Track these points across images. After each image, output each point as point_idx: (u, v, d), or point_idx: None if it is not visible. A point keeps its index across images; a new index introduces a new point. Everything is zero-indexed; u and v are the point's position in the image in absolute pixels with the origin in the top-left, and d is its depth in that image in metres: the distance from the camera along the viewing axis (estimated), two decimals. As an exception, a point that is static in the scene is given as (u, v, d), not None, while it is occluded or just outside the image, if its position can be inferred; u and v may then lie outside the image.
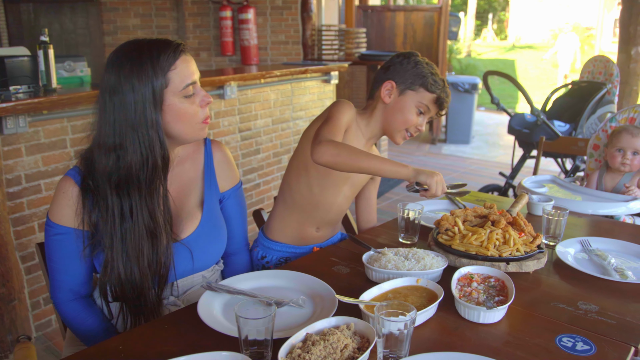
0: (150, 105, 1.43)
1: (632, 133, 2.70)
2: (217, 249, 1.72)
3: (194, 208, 1.67)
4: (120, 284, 1.50)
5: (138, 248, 1.49)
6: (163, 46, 1.46)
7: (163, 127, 1.48)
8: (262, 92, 4.52)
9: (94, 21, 6.57)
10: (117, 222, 1.47)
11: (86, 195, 1.49)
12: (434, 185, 1.67)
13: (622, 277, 1.62)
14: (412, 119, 1.90)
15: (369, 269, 1.57)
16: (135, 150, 1.44)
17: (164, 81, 1.44)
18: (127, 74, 1.41)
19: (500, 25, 25.34)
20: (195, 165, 1.71)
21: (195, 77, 1.50)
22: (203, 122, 1.54)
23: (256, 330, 1.15)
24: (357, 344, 1.18)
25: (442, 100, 1.89)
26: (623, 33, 5.11)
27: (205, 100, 1.52)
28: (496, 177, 6.05)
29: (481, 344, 1.28)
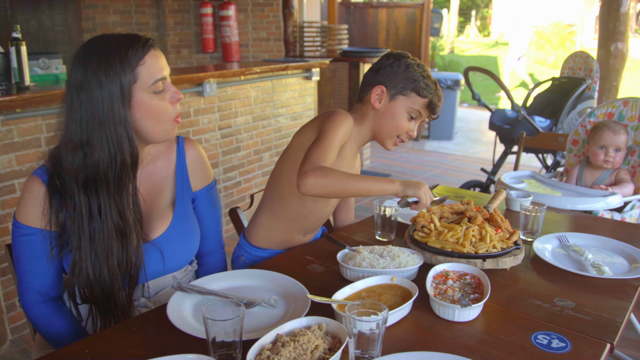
0: (118, 101, 1.40)
1: (614, 130, 2.70)
2: (189, 249, 1.69)
3: (165, 208, 1.64)
4: (89, 285, 1.47)
5: (107, 248, 1.45)
6: (131, 41, 1.43)
7: (132, 124, 1.44)
8: (242, 89, 4.48)
9: (72, 18, 6.48)
10: (85, 222, 1.44)
11: (53, 194, 1.45)
12: (423, 196, 1.62)
13: (599, 272, 1.61)
14: (404, 125, 1.83)
15: (343, 267, 1.55)
16: (103, 147, 1.41)
17: (132, 77, 1.41)
18: (95, 69, 1.38)
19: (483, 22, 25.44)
20: (167, 164, 1.67)
21: (165, 73, 1.47)
22: (174, 120, 1.51)
23: (224, 331, 1.12)
24: (328, 344, 1.15)
25: (434, 104, 1.84)
26: (602, 29, 5.14)
27: (176, 96, 1.49)
28: (478, 173, 6.06)
29: (456, 342, 1.26)
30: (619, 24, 5.04)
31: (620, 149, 2.70)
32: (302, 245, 1.85)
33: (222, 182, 4.39)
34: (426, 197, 1.63)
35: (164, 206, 1.63)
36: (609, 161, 2.72)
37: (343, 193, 1.61)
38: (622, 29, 5.05)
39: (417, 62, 1.85)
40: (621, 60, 5.19)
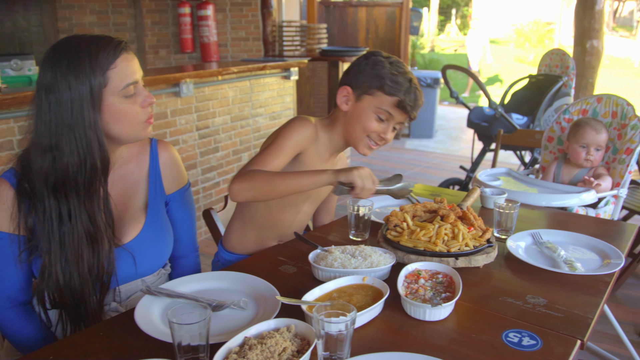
0: (88, 104, 1.38)
1: (595, 129, 2.70)
2: (162, 253, 1.66)
3: (138, 211, 1.61)
4: (58, 290, 1.44)
5: (78, 253, 1.43)
6: (103, 44, 1.40)
7: (102, 128, 1.42)
8: (220, 90, 4.45)
9: (48, 19, 6.40)
10: (54, 226, 1.42)
11: (22, 198, 1.42)
12: (357, 179, 1.53)
13: (572, 269, 1.61)
14: (371, 126, 1.73)
15: (315, 268, 1.53)
16: (72, 151, 1.39)
17: (102, 80, 1.38)
18: (64, 71, 1.36)
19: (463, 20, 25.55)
20: (140, 167, 1.65)
21: (136, 77, 1.45)
22: (145, 122, 1.49)
23: (190, 335, 1.10)
24: (297, 346, 1.14)
25: (404, 104, 1.69)
26: (578, 27, 5.18)
27: (148, 100, 1.48)
28: (458, 170, 6.08)
29: (427, 342, 1.25)
30: (594, 21, 5.08)
31: (601, 147, 2.71)
32: (274, 246, 1.83)
33: (200, 183, 4.35)
34: (362, 180, 1.53)
35: (136, 209, 1.61)
36: (590, 160, 2.73)
37: (272, 193, 1.60)
38: (597, 26, 5.09)
39: (391, 59, 1.74)
40: (597, 58, 5.23)
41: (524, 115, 4.63)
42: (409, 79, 1.72)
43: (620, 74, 15.05)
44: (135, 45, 6.36)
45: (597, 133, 2.70)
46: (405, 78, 1.71)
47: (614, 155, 2.76)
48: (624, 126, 2.74)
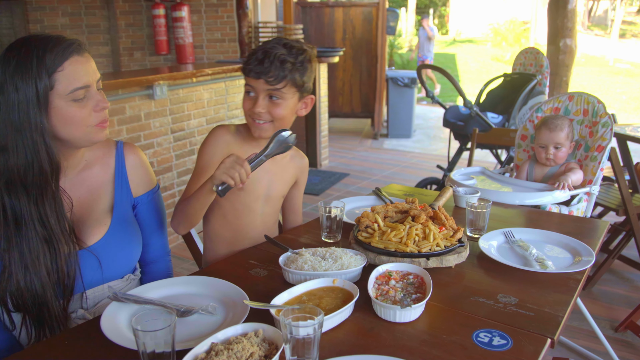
0: (34, 107, 1.35)
1: (549, 128, 2.72)
2: (129, 257, 1.64)
3: (103, 213, 1.59)
4: (20, 292, 1.41)
5: (34, 256, 1.40)
6: (52, 44, 1.37)
7: (50, 131, 1.39)
8: (195, 92, 4.41)
9: (19, 21, 6.30)
10: (11, 227, 1.39)
11: None
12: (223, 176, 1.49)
13: (543, 267, 1.62)
14: (244, 105, 1.74)
15: (285, 271, 1.51)
16: (19, 153, 1.36)
17: (48, 82, 1.35)
18: (12, 72, 1.33)
19: (441, 20, 25.74)
20: (105, 169, 1.62)
21: (88, 80, 1.41)
22: (97, 125, 1.46)
23: (155, 342, 1.08)
24: (264, 351, 1.12)
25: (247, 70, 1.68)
26: (551, 26, 5.22)
27: (101, 105, 1.44)
28: (436, 170, 6.10)
29: (397, 344, 1.24)
30: (566, 20, 5.13)
31: (560, 145, 2.72)
32: (245, 250, 1.81)
33: (176, 186, 4.31)
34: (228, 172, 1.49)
35: (101, 212, 1.58)
36: (550, 159, 2.74)
37: (192, 218, 1.68)
38: (570, 25, 5.14)
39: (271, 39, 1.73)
40: (570, 56, 5.28)
41: (499, 114, 4.66)
42: (262, 48, 1.69)
43: (596, 72, 15.25)
44: (110, 48, 6.29)
45: (550, 132, 2.71)
46: (260, 48, 1.69)
47: (585, 152, 2.78)
48: (595, 124, 2.76)
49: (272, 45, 1.68)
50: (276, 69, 1.65)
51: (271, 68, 1.65)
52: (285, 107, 1.73)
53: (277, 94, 1.70)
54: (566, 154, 2.75)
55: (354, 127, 9.30)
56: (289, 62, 1.67)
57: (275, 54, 1.65)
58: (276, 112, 1.71)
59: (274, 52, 1.65)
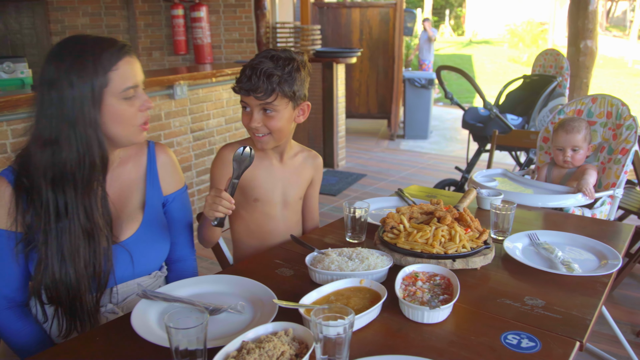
0: (89, 103, 1.39)
1: (566, 130, 2.70)
2: (159, 252, 1.66)
3: (135, 210, 1.62)
4: (55, 285, 1.44)
5: (74, 248, 1.43)
6: (107, 45, 1.42)
7: (101, 127, 1.43)
8: (214, 91, 4.44)
9: (40, 21, 6.37)
10: (52, 219, 1.42)
11: (20, 194, 1.43)
12: (210, 213, 1.52)
13: (569, 270, 1.61)
14: (243, 120, 1.79)
15: (312, 270, 1.52)
16: (72, 147, 1.40)
17: (104, 80, 1.40)
18: (67, 68, 1.38)
19: (457, 21, 25.64)
20: (137, 167, 1.66)
21: (137, 80, 1.47)
22: (141, 126, 1.50)
23: (187, 340, 1.09)
24: (295, 350, 1.13)
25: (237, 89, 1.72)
26: (572, 27, 5.19)
27: (146, 105, 1.49)
28: (453, 171, 6.08)
29: (425, 345, 1.24)
30: (587, 21, 5.09)
31: (578, 147, 2.69)
32: (271, 249, 1.82)
33: (195, 186, 4.34)
34: (209, 208, 1.52)
35: (133, 208, 1.62)
36: (567, 161, 2.73)
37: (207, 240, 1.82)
38: (591, 26, 5.11)
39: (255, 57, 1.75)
40: (591, 58, 5.25)
41: (519, 116, 4.64)
42: (249, 64, 1.72)
43: (614, 73, 15.12)
44: (129, 48, 6.33)
45: (567, 134, 2.69)
46: (249, 63, 1.72)
47: (609, 155, 2.76)
48: (619, 126, 2.74)
49: (258, 60, 1.71)
50: (264, 84, 1.68)
51: (259, 83, 1.67)
52: (280, 118, 1.75)
53: (269, 107, 1.72)
54: (584, 156, 2.73)
55: (370, 128, 9.29)
56: (276, 75, 1.69)
57: (262, 69, 1.68)
58: (272, 124, 1.75)
59: (260, 67, 1.68)
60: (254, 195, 1.88)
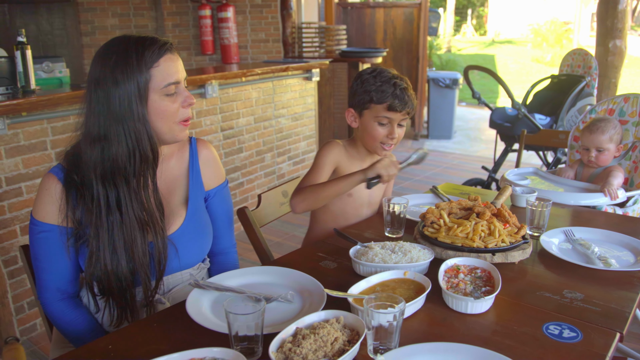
0: (135, 99, 1.44)
1: (591, 130, 2.71)
2: (203, 246, 1.72)
3: (179, 205, 1.67)
4: (106, 277, 1.49)
5: (129, 240, 1.49)
6: (149, 43, 1.47)
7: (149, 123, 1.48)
8: (244, 91, 4.51)
9: (71, 22, 6.49)
10: (103, 213, 1.47)
11: (70, 190, 1.48)
12: (382, 170, 1.79)
13: (606, 265, 1.64)
14: (378, 133, 1.98)
15: (356, 263, 1.58)
16: (121, 142, 1.45)
17: (147, 77, 1.45)
18: (112, 66, 1.43)
19: (479, 20, 25.50)
20: (180, 163, 1.70)
21: (178, 77, 1.51)
22: (181, 122, 1.54)
23: (246, 325, 1.15)
24: (347, 336, 1.18)
25: (394, 105, 1.93)
26: (600, 27, 5.17)
27: (188, 101, 1.53)
28: (478, 171, 6.09)
29: (469, 333, 1.29)
30: (616, 21, 5.08)
31: (602, 148, 2.70)
32: (313, 243, 1.88)
33: (225, 183, 4.41)
34: (386, 169, 1.79)
35: (177, 203, 1.67)
36: (592, 161, 2.74)
37: (320, 199, 1.92)
38: (620, 26, 5.09)
39: (375, 72, 1.99)
40: (620, 57, 5.22)
41: (547, 116, 4.65)
42: (392, 83, 1.95)
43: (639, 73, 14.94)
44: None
45: (591, 134, 2.70)
46: (389, 84, 1.95)
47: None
48: (650, 125, 2.75)
49: (397, 80, 1.96)
50: (411, 102, 1.97)
51: (409, 102, 1.96)
52: (404, 129, 2.04)
53: (405, 121, 2.01)
54: (610, 157, 2.72)
55: (393, 128, 9.29)
56: (412, 94, 1.99)
57: (406, 88, 1.96)
58: (401, 134, 2.02)
59: (405, 87, 1.96)
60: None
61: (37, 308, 3.08)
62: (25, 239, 2.97)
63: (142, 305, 1.57)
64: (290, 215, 1.62)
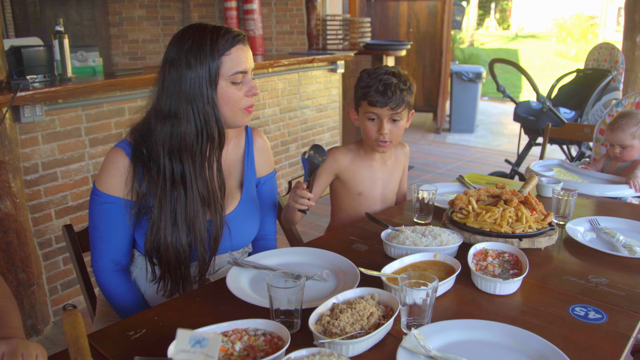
0: (206, 82, 1.52)
1: (612, 128, 2.74)
2: (253, 228, 1.80)
3: (234, 188, 1.75)
4: (165, 248, 1.56)
5: (192, 215, 1.56)
6: (223, 32, 1.55)
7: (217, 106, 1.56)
8: (270, 82, 4.58)
9: (99, 13, 6.60)
10: (167, 186, 1.55)
11: (137, 165, 1.56)
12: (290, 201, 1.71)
13: (631, 252, 1.68)
14: (369, 130, 2.02)
15: (387, 245, 1.64)
16: (189, 121, 1.54)
17: (218, 63, 1.53)
18: (187, 50, 1.51)
19: (502, 14, 25.28)
20: (237, 149, 1.78)
21: (246, 67, 1.58)
22: (245, 109, 1.61)
23: (287, 299, 1.22)
24: (382, 312, 1.25)
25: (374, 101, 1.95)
26: (628, 21, 5.14)
27: (253, 90, 1.60)
28: (501, 165, 6.10)
29: (498, 313, 1.35)
30: (644, 15, 5.04)
31: (625, 145, 2.72)
32: (344, 226, 1.95)
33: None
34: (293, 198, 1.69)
35: (233, 186, 1.75)
36: (617, 157, 2.77)
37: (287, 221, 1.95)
38: (648, 20, 5.05)
39: (373, 69, 2.00)
40: (646, 52, 5.19)
41: (572, 110, 4.65)
42: (379, 79, 1.96)
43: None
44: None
45: (612, 132, 2.73)
46: (375, 80, 1.96)
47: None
48: (677, 119, 2.76)
49: (385, 76, 1.96)
50: (397, 97, 1.94)
51: (393, 97, 1.94)
52: (401, 126, 2.04)
53: (397, 116, 1.99)
54: (636, 151, 2.73)
55: (415, 121, 9.30)
56: (404, 90, 1.97)
57: (394, 84, 1.94)
58: (395, 131, 2.02)
59: (392, 83, 1.94)
60: (357, 190, 2.13)
61: (70, 289, 3.18)
62: (59, 222, 3.07)
63: (195, 280, 1.64)
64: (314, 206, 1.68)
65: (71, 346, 1.04)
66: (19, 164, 2.80)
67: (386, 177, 2.19)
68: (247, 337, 1.16)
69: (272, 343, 1.15)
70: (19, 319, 1.36)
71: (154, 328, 1.29)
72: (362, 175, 2.13)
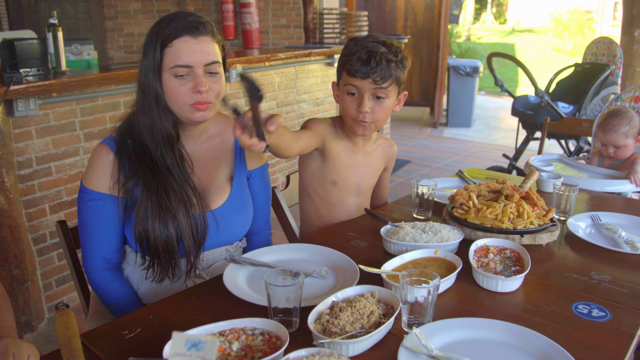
0: (153, 73, 1.50)
1: (604, 129, 2.71)
2: (244, 223, 1.76)
3: (224, 182, 1.72)
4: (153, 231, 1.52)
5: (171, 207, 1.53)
6: (175, 21, 1.49)
7: (163, 100, 1.53)
8: (267, 75, 4.54)
9: (94, 6, 6.55)
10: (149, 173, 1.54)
11: (122, 159, 1.54)
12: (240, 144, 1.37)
13: (633, 249, 1.66)
14: (347, 106, 1.76)
15: (387, 241, 1.61)
16: (145, 111, 1.54)
17: (161, 54, 1.49)
18: (146, 39, 1.51)
19: (499, 9, 25.22)
20: (224, 143, 1.75)
21: (190, 61, 1.48)
22: (192, 105, 1.52)
23: (285, 297, 1.19)
24: (382, 310, 1.22)
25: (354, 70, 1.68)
26: (626, 15, 5.11)
27: (197, 87, 1.49)
28: (498, 159, 6.09)
29: (500, 310, 1.32)
30: (643, 9, 5.02)
31: (619, 145, 2.70)
32: (343, 222, 1.92)
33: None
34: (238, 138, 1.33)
35: (222, 180, 1.71)
36: (611, 156, 2.75)
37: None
38: (646, 14, 5.03)
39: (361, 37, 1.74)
40: (645, 46, 5.17)
41: (570, 104, 4.63)
42: (364, 46, 1.69)
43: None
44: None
45: (605, 134, 2.71)
46: (359, 47, 1.69)
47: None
48: (677, 113, 2.75)
49: (372, 44, 1.69)
50: (382, 69, 1.67)
51: (377, 68, 1.67)
52: (387, 105, 1.77)
53: (382, 92, 1.72)
54: (630, 149, 2.71)
55: (412, 116, 9.30)
56: (393, 61, 1.70)
57: (380, 53, 1.67)
58: (379, 110, 1.76)
59: (378, 52, 1.67)
60: (332, 177, 1.91)
61: (65, 285, 3.15)
62: (54, 218, 3.04)
63: (185, 272, 1.61)
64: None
65: (64, 347, 1.01)
66: (12, 158, 2.77)
67: (364, 166, 1.95)
68: (244, 336, 1.14)
69: (270, 343, 1.12)
70: (12, 318, 1.33)
71: (150, 327, 1.26)
72: (340, 157, 1.89)
